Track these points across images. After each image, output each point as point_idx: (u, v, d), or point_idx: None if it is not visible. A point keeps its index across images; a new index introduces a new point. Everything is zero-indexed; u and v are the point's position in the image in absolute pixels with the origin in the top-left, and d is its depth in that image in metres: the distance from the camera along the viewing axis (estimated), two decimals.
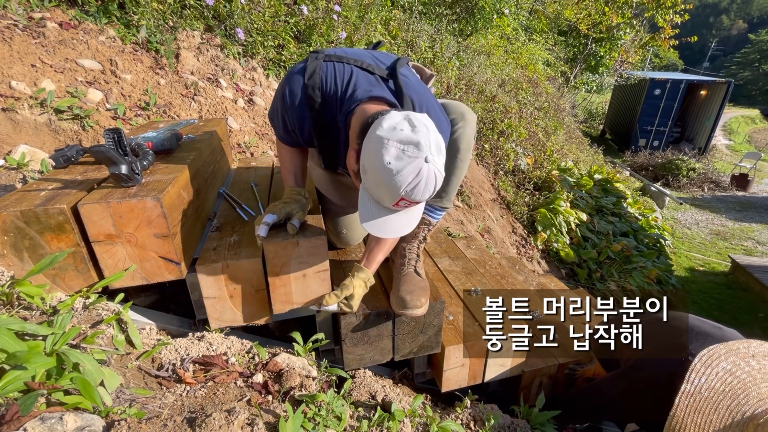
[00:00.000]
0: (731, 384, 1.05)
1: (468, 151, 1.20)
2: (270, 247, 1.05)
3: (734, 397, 1.03)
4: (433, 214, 1.29)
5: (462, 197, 4.07)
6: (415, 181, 0.83)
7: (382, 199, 0.90)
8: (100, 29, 2.26)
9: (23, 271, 0.98)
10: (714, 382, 1.05)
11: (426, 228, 1.30)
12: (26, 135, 1.68)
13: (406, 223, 0.95)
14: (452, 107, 1.21)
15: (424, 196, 0.86)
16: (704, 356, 1.09)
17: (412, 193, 0.85)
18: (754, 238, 8.67)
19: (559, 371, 1.60)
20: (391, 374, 1.50)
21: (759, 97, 39.09)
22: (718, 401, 1.04)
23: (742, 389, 1.04)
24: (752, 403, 1.02)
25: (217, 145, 1.63)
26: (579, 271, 4.57)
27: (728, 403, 1.03)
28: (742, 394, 1.03)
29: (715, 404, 1.04)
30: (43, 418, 0.62)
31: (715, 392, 1.04)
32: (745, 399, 1.03)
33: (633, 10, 10.34)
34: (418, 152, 0.82)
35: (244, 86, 2.83)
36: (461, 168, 1.22)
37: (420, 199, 0.87)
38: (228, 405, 0.88)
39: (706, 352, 1.09)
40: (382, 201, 0.90)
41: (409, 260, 1.26)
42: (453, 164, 1.19)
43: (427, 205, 1.27)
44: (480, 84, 5.51)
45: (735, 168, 12.82)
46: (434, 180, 0.86)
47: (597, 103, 19.53)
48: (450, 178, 1.20)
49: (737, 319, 5.59)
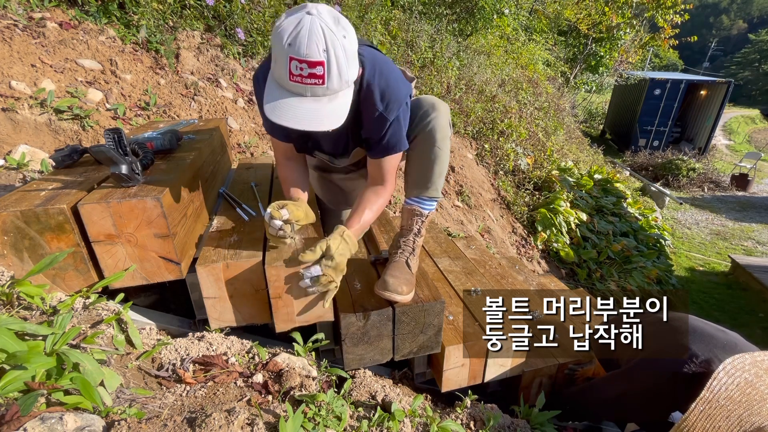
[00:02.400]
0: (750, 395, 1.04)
1: (444, 140, 1.24)
2: (272, 270, 1.05)
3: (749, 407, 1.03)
4: (423, 205, 1.30)
5: (462, 197, 4.07)
6: (295, 31, 0.83)
7: (280, 74, 0.89)
8: (100, 29, 2.26)
9: (23, 271, 0.98)
10: (734, 392, 1.04)
11: (418, 219, 1.30)
12: (26, 135, 1.68)
13: (313, 113, 0.91)
14: (423, 100, 1.25)
15: (309, 49, 0.84)
16: (728, 366, 1.07)
17: (295, 45, 0.84)
18: (754, 238, 8.67)
19: (559, 371, 1.60)
20: (391, 374, 1.50)
21: (759, 97, 39.08)
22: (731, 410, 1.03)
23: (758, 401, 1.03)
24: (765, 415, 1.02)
25: (217, 145, 1.63)
26: (579, 271, 4.58)
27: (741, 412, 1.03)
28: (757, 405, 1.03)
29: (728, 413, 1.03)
30: (43, 418, 0.62)
31: (732, 402, 1.04)
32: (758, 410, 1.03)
33: (633, 10, 10.34)
34: (301, 8, 0.86)
35: (244, 86, 2.83)
36: (441, 157, 1.25)
37: (306, 53, 0.84)
38: (228, 405, 0.88)
39: (731, 362, 1.08)
40: (281, 77, 0.90)
41: (403, 251, 1.29)
42: (432, 153, 1.23)
43: (415, 197, 1.30)
44: (480, 84, 5.51)
45: (735, 168, 12.82)
46: (320, 33, 0.84)
47: (597, 103, 19.53)
48: (432, 167, 1.25)
49: (737, 319, 5.59)
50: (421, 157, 1.25)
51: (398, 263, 1.25)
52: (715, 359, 1.16)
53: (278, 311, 1.11)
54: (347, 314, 1.13)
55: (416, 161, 1.28)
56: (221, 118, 2.42)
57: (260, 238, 1.19)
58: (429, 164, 1.25)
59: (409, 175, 1.31)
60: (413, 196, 1.30)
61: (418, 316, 1.21)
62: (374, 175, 1.25)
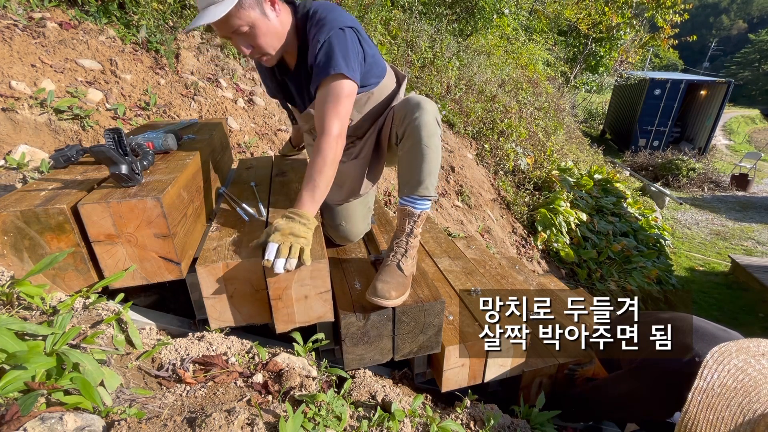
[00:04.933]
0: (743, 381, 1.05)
1: (432, 137, 1.22)
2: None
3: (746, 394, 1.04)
4: (415, 205, 1.27)
5: (462, 197, 4.07)
6: None
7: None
8: (100, 29, 2.26)
9: (23, 271, 0.98)
10: (726, 378, 1.05)
11: (410, 219, 1.27)
12: (26, 135, 1.68)
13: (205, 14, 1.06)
14: (409, 98, 1.26)
15: None
16: (716, 353, 1.09)
17: None
18: (754, 238, 8.67)
19: (559, 371, 1.60)
20: (391, 374, 1.50)
21: (759, 97, 39.08)
22: (730, 398, 1.04)
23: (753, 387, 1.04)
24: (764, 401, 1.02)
25: (217, 145, 1.63)
26: (579, 271, 4.58)
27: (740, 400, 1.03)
28: (754, 391, 1.04)
29: (728, 401, 1.04)
30: (43, 418, 0.62)
31: (727, 389, 1.04)
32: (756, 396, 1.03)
33: (633, 10, 10.34)
34: None
35: (244, 86, 2.83)
36: (429, 155, 1.23)
37: None
38: (228, 405, 0.88)
39: (717, 349, 1.09)
40: None
41: (395, 254, 1.26)
42: (419, 151, 1.22)
43: (406, 196, 1.28)
44: (480, 84, 5.51)
45: (735, 168, 12.82)
46: None
47: (597, 103, 19.54)
48: (420, 165, 1.23)
49: (737, 319, 5.59)
50: (409, 155, 1.24)
51: (389, 267, 1.22)
52: None
53: (278, 312, 1.11)
54: (347, 314, 1.13)
55: (405, 160, 1.27)
56: (221, 118, 2.42)
57: None
58: (417, 162, 1.23)
59: (400, 175, 1.31)
60: (404, 195, 1.29)
61: (418, 316, 1.21)
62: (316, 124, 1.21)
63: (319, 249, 1.13)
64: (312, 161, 1.16)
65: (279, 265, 1.01)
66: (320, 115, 1.16)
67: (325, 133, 1.14)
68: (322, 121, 1.16)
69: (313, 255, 1.09)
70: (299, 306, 1.12)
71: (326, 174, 1.15)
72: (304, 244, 1.04)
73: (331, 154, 1.14)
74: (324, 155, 1.14)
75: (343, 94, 1.15)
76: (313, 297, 1.12)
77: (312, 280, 1.09)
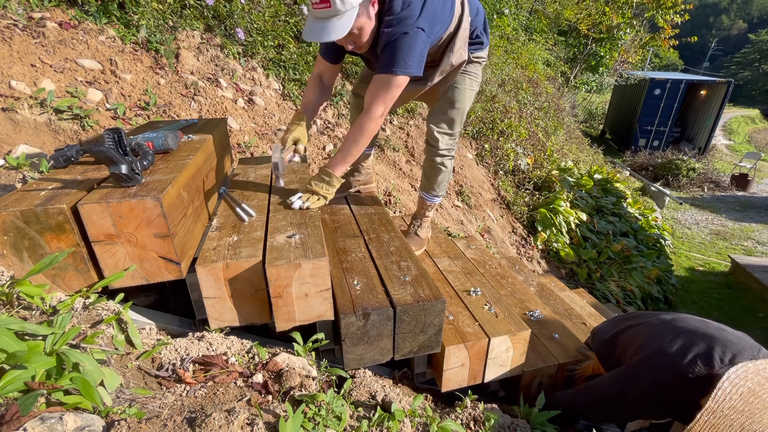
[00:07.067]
0: (752, 404, 1.06)
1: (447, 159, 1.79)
2: (272, 270, 1.05)
3: (750, 416, 1.05)
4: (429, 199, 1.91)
5: (462, 197, 4.07)
6: None
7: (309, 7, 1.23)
8: (99, 29, 2.26)
9: (23, 271, 0.98)
10: (737, 401, 1.06)
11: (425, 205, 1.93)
12: (26, 135, 1.68)
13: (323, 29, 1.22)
14: None
15: None
16: (732, 375, 1.09)
17: None
18: (754, 238, 8.67)
19: (559, 371, 1.60)
20: (391, 374, 1.50)
21: (759, 97, 39.08)
22: (734, 419, 1.06)
23: (760, 410, 1.05)
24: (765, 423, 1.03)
25: (217, 145, 1.63)
26: (579, 271, 4.58)
27: (743, 421, 1.05)
28: (759, 414, 1.05)
29: (731, 422, 1.06)
30: (43, 418, 0.62)
31: (735, 411, 1.06)
32: (759, 418, 1.04)
33: (633, 10, 10.33)
34: None
35: (244, 86, 2.83)
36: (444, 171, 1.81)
37: None
38: (228, 405, 0.88)
39: (734, 371, 1.09)
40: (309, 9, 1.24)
41: (413, 225, 1.97)
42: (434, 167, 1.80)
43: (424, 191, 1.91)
44: (480, 84, 5.51)
45: (735, 168, 12.82)
46: None
47: (597, 103, 19.53)
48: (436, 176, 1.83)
49: (737, 319, 5.59)
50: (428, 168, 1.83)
51: (410, 234, 1.94)
52: (716, 358, 1.16)
53: (278, 310, 1.11)
54: (347, 314, 1.13)
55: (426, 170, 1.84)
56: (221, 118, 2.42)
57: (260, 238, 1.19)
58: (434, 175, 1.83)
59: (422, 178, 1.90)
60: (423, 191, 1.92)
61: (418, 315, 1.21)
62: (366, 100, 1.39)
63: (319, 247, 1.13)
64: (352, 132, 1.39)
65: (297, 203, 1.34)
66: (372, 95, 1.35)
67: (371, 112, 1.35)
68: (371, 101, 1.35)
69: (314, 253, 1.10)
70: (299, 304, 1.12)
71: (360, 144, 1.39)
72: (323, 201, 1.39)
73: (369, 130, 1.38)
74: (363, 130, 1.37)
75: (395, 84, 1.33)
76: (313, 295, 1.12)
77: (312, 278, 1.10)
